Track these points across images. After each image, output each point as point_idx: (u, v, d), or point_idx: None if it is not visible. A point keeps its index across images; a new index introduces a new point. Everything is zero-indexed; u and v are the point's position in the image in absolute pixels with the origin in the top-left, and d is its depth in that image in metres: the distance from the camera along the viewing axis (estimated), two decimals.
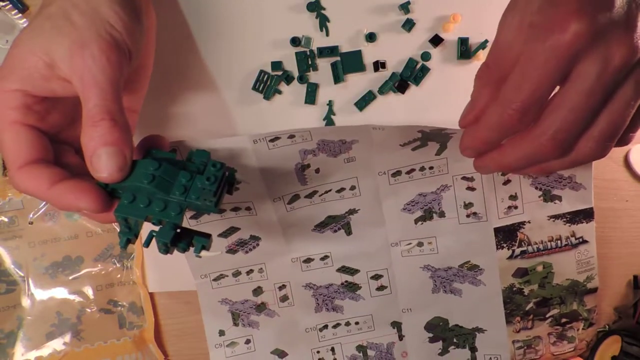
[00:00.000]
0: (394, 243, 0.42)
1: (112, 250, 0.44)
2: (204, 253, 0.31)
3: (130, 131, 0.29)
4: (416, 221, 0.41)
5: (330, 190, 0.40)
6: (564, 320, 0.43)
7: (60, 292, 0.43)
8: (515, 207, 0.41)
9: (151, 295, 0.44)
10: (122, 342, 0.44)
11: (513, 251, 0.41)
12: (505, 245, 0.41)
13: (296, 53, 0.42)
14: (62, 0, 0.29)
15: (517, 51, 0.28)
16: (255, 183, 0.38)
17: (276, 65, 0.42)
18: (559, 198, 0.41)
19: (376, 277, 0.42)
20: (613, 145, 0.29)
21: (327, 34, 0.43)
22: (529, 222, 0.41)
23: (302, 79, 0.42)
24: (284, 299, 0.43)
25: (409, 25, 0.42)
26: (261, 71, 0.42)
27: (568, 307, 0.43)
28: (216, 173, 0.30)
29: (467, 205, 0.41)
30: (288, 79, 0.43)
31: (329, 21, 0.43)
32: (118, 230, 0.31)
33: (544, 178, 0.40)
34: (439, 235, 0.41)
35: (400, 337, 0.44)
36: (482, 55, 0.42)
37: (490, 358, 0.44)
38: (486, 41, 0.42)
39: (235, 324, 0.43)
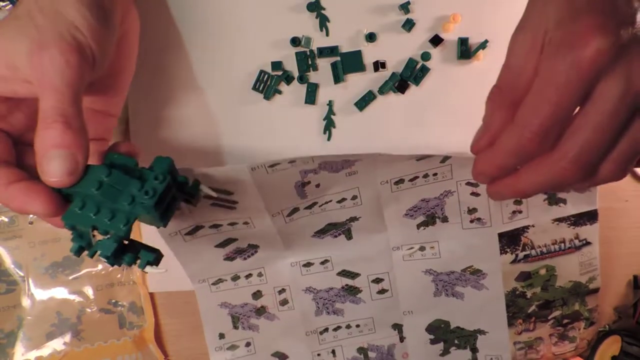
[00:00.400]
0: (395, 247, 0.42)
1: None
2: (149, 269, 0.30)
3: (86, 136, 0.28)
4: (418, 226, 0.41)
5: (330, 201, 0.39)
6: (565, 321, 0.43)
7: (60, 292, 0.43)
8: (520, 212, 0.40)
9: (151, 295, 0.44)
10: (122, 342, 0.44)
11: (516, 255, 0.41)
12: (508, 250, 0.41)
13: (296, 53, 0.42)
14: (28, 1, 0.29)
15: (531, 72, 0.27)
16: (252, 201, 0.37)
17: (276, 65, 0.42)
18: (564, 201, 0.40)
19: (377, 280, 0.42)
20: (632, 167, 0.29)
21: (327, 34, 0.43)
22: (532, 226, 0.41)
23: (302, 79, 0.43)
24: (284, 302, 0.43)
25: (409, 25, 0.42)
26: (261, 71, 0.43)
27: (570, 308, 0.43)
28: (156, 186, 0.29)
29: (471, 211, 0.40)
30: (288, 79, 0.43)
31: (329, 21, 0.43)
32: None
33: None
34: (441, 240, 0.41)
35: (402, 339, 0.44)
36: (482, 55, 0.42)
37: (491, 358, 0.43)
38: (486, 41, 0.42)
39: (235, 327, 0.43)
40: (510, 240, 0.41)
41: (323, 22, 0.43)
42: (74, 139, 0.28)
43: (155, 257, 0.31)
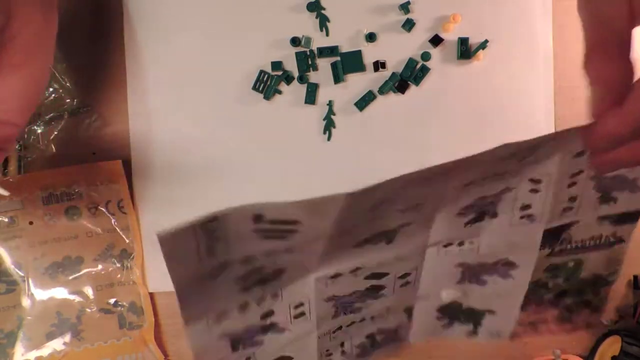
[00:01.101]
0: (432, 243, 0.37)
1: (112, 250, 0.44)
2: None
3: None
4: (466, 224, 0.37)
5: (394, 209, 0.33)
6: (574, 307, 0.42)
7: (60, 292, 0.43)
8: (571, 209, 0.37)
9: (151, 295, 0.44)
10: (122, 342, 0.44)
11: (553, 249, 0.39)
12: (547, 245, 0.39)
13: (296, 53, 0.42)
14: None
15: (627, 12, 0.25)
16: (320, 226, 0.31)
17: (276, 65, 0.42)
18: (615, 200, 0.38)
19: (404, 275, 0.39)
20: None
21: (327, 34, 0.43)
22: (578, 222, 0.38)
23: (302, 79, 0.42)
24: (299, 315, 0.37)
25: (409, 25, 0.42)
26: (261, 71, 0.42)
27: (583, 297, 0.42)
28: None
29: (525, 207, 0.37)
30: (288, 79, 0.43)
31: (329, 21, 0.43)
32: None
33: (609, 180, 0.37)
34: (483, 235, 0.38)
35: (409, 318, 0.41)
36: (482, 55, 0.42)
37: (491, 333, 0.42)
38: (486, 41, 0.42)
39: (235, 349, 0.36)
40: (553, 235, 0.38)
41: (323, 22, 0.43)
42: None
43: None
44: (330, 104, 0.43)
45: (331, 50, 0.42)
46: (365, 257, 0.36)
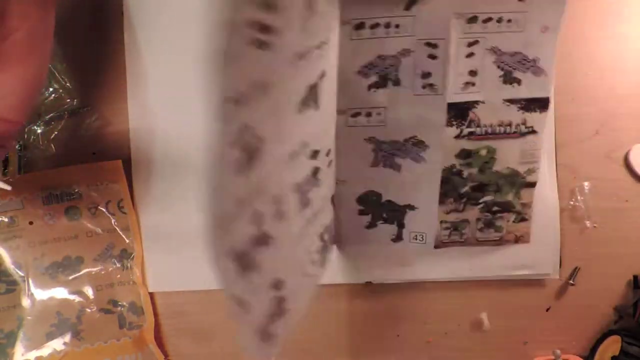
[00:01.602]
0: (340, 110, 0.39)
1: (112, 250, 0.44)
2: None
3: None
4: (369, 87, 0.38)
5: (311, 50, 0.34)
6: (495, 208, 0.41)
7: (60, 292, 0.43)
8: (473, 84, 0.39)
9: (151, 295, 0.44)
10: (122, 342, 0.44)
11: (461, 130, 0.39)
12: (455, 122, 0.39)
13: None
14: None
15: None
16: None
17: None
18: (519, 81, 0.39)
19: (328, 153, 0.39)
20: None
21: None
22: (483, 102, 0.39)
23: None
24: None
25: None
26: None
27: (503, 196, 0.41)
28: None
29: (425, 75, 0.38)
30: None
31: None
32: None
33: (509, 57, 0.38)
34: (389, 106, 0.39)
35: (335, 211, 0.42)
36: None
37: (415, 236, 0.42)
38: None
39: None
40: (459, 113, 0.39)
41: None
42: None
43: None
44: None
45: None
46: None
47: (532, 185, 0.41)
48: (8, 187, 0.33)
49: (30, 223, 0.43)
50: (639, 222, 0.44)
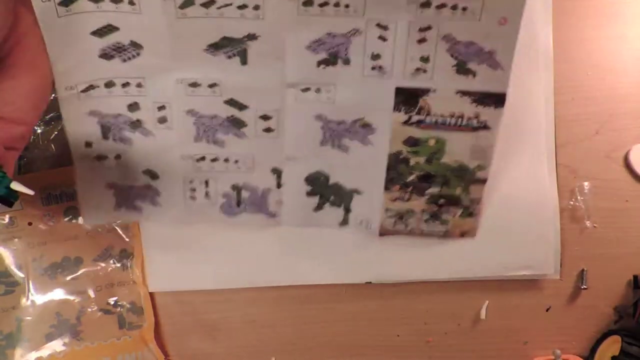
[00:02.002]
0: (291, 84, 0.39)
1: (111, 250, 0.44)
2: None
3: None
4: (319, 63, 0.38)
5: (230, 5, 0.36)
6: (442, 201, 0.42)
7: (59, 293, 0.43)
8: (425, 71, 0.38)
9: (151, 295, 0.44)
10: (122, 341, 0.44)
11: (410, 117, 0.39)
12: (403, 108, 0.39)
13: None
14: None
15: None
16: None
17: None
18: (474, 73, 0.38)
19: (265, 117, 0.40)
20: None
21: None
22: (434, 90, 0.39)
23: None
24: (162, 120, 0.40)
25: None
26: None
27: (451, 189, 0.41)
28: None
29: (375, 57, 0.38)
30: None
31: None
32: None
33: (463, 47, 0.37)
34: (338, 84, 0.39)
35: (278, 185, 0.42)
36: None
37: (361, 221, 0.43)
38: None
39: (105, 138, 0.40)
40: (408, 98, 0.39)
41: None
42: None
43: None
44: None
45: None
46: (220, 71, 0.38)
47: (482, 181, 0.41)
48: (31, 192, 0.33)
49: (30, 224, 0.42)
50: (639, 222, 0.44)
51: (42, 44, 0.35)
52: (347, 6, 0.36)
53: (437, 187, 0.41)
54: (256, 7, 0.36)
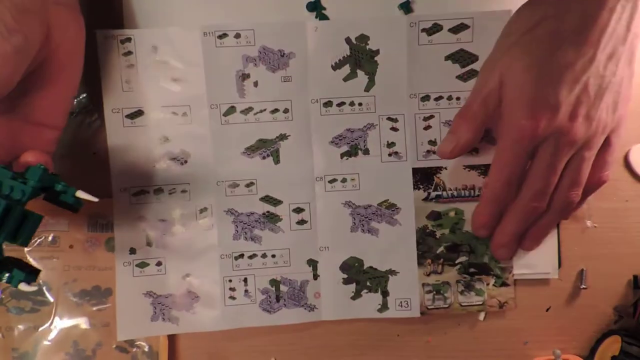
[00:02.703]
0: (318, 177, 0.43)
1: None
2: (23, 286, 0.32)
3: None
4: (342, 155, 0.43)
5: (265, 110, 0.42)
6: (472, 270, 0.43)
7: (82, 322, 0.43)
8: (434, 152, 0.43)
9: (172, 340, 0.44)
10: None
11: (429, 193, 0.43)
12: (422, 186, 0.43)
13: None
14: None
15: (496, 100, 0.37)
16: (196, 83, 0.42)
17: None
18: (476, 150, 0.43)
19: (298, 210, 0.43)
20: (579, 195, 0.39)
21: None
22: (445, 168, 0.43)
23: None
24: (204, 222, 0.43)
25: None
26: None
27: (478, 257, 0.43)
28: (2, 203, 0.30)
29: (390, 145, 0.43)
30: None
31: (329, 20, 0.43)
32: None
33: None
34: (362, 172, 0.43)
35: (315, 277, 0.44)
36: None
37: (401, 303, 0.43)
38: None
39: (149, 244, 0.43)
40: (424, 177, 0.43)
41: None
42: None
43: (26, 275, 0.32)
44: None
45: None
46: (256, 171, 0.43)
47: None
48: (95, 199, 0.34)
49: (71, 247, 0.43)
50: (639, 222, 0.44)
51: (71, 57, 0.37)
52: (360, 104, 0.43)
53: (465, 256, 0.44)
54: (286, 111, 0.42)
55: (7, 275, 0.32)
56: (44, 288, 0.43)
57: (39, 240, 0.43)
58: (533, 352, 0.45)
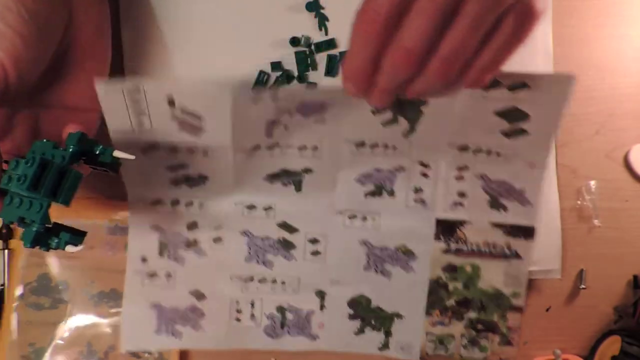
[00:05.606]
0: (339, 211, 0.42)
1: None
2: (70, 248, 0.33)
3: None
4: (366, 194, 0.42)
5: (292, 146, 0.40)
6: (480, 326, 0.43)
7: (98, 324, 0.43)
8: (462, 205, 0.42)
9: (185, 353, 0.44)
10: None
11: (449, 245, 0.42)
12: (442, 237, 0.42)
13: (296, 52, 0.42)
14: None
15: None
16: (220, 131, 0.38)
17: (276, 65, 0.42)
18: (505, 208, 0.42)
19: (313, 241, 0.43)
20: (457, 67, 0.28)
21: (327, 34, 0.43)
22: (470, 222, 0.42)
23: (301, 78, 0.42)
24: (217, 240, 0.42)
25: None
26: (261, 72, 0.42)
27: (488, 315, 0.43)
28: (26, 171, 0.30)
29: (417, 191, 0.42)
30: (288, 78, 0.43)
31: (328, 20, 0.43)
32: None
33: (496, 185, 0.41)
34: (383, 213, 0.42)
35: (322, 307, 0.43)
36: None
37: (402, 346, 0.43)
38: None
39: (161, 255, 0.42)
40: (447, 229, 0.42)
41: (322, 21, 0.42)
42: None
43: (71, 237, 0.33)
44: None
45: (328, 44, 0.42)
46: (275, 197, 0.42)
47: (519, 309, 0.43)
48: (131, 157, 0.35)
49: (91, 247, 0.43)
50: (639, 222, 0.44)
51: (97, 31, 0.36)
52: (394, 147, 0.40)
53: (475, 312, 0.43)
54: (314, 148, 0.40)
55: (55, 241, 0.33)
56: (62, 287, 0.43)
57: None
58: (533, 352, 0.45)
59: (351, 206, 0.42)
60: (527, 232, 0.42)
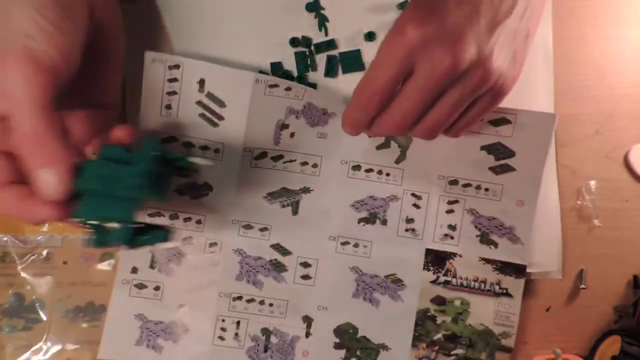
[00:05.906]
0: (332, 237, 0.43)
1: None
2: (160, 245, 0.34)
3: (64, 144, 0.29)
4: (359, 221, 0.43)
5: (294, 161, 0.42)
6: None
7: (74, 341, 0.42)
8: (452, 237, 0.43)
9: None
10: None
11: (438, 277, 0.43)
12: (432, 268, 0.43)
13: (295, 53, 0.42)
14: None
15: None
16: (237, 123, 0.41)
17: (276, 66, 0.42)
18: (495, 244, 0.42)
19: (305, 264, 0.43)
20: (437, 134, 0.35)
21: (326, 34, 0.43)
22: (460, 255, 0.42)
23: (301, 79, 0.42)
24: (211, 252, 0.43)
25: None
26: (260, 72, 0.42)
27: (476, 353, 0.42)
28: (141, 169, 0.31)
29: (409, 221, 0.43)
30: (288, 79, 0.43)
31: (328, 21, 0.43)
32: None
33: (486, 220, 0.42)
34: (375, 241, 0.43)
35: (307, 335, 0.43)
36: None
37: None
38: None
39: (152, 267, 0.42)
40: (436, 260, 0.43)
41: (322, 21, 0.43)
42: (52, 157, 0.28)
43: (164, 235, 0.33)
44: None
45: (328, 44, 0.42)
46: (272, 218, 0.43)
47: (508, 350, 0.43)
48: (210, 163, 0.35)
49: (65, 262, 0.43)
50: (639, 222, 0.44)
51: (116, 28, 0.36)
52: (387, 174, 0.42)
53: (463, 349, 0.43)
54: (315, 165, 0.42)
55: (143, 238, 0.32)
56: (37, 305, 0.42)
57: (32, 257, 0.42)
58: (533, 352, 0.45)
59: (344, 232, 0.43)
60: (517, 270, 0.42)
